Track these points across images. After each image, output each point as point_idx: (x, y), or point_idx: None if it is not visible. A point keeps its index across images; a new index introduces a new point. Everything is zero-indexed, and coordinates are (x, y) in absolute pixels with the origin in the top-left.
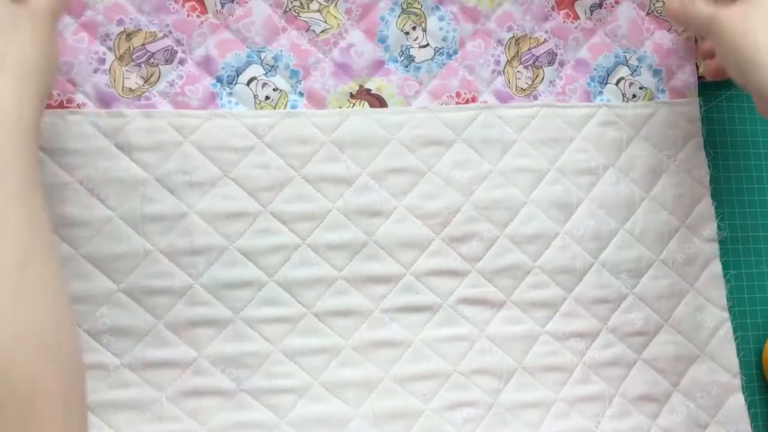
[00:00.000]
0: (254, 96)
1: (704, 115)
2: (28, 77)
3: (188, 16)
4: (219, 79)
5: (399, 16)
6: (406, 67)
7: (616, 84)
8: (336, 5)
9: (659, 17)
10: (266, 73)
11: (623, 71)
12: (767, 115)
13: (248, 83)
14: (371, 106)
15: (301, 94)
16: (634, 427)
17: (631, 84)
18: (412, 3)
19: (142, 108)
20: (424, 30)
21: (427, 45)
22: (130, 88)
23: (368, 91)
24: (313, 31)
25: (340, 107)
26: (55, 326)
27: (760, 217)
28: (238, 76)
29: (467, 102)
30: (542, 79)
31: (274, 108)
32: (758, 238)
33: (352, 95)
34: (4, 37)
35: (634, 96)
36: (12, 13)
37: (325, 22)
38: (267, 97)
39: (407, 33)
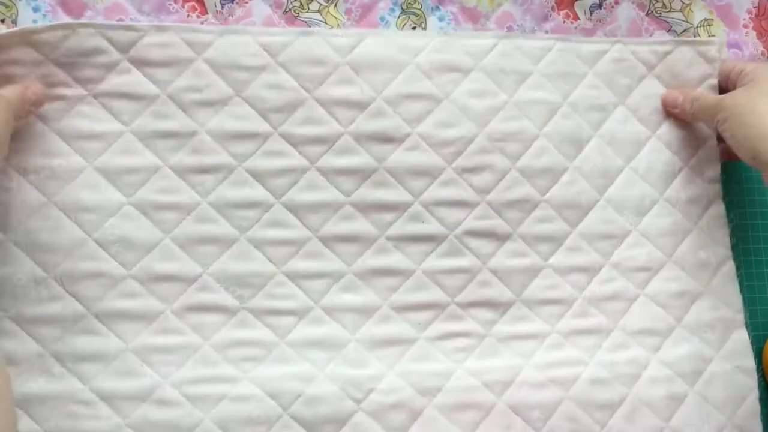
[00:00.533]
0: None
1: None
2: None
3: (188, 16)
4: None
5: (399, 17)
6: None
7: None
8: (336, 5)
9: (659, 18)
10: None
11: None
12: None
13: None
14: None
15: None
16: (631, 359)
17: None
18: (412, 3)
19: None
20: (424, 30)
21: None
22: None
23: None
24: None
25: None
26: None
27: (760, 217)
28: None
29: None
30: None
31: None
32: (758, 238)
33: None
34: None
35: None
36: None
37: (325, 23)
38: None
39: None
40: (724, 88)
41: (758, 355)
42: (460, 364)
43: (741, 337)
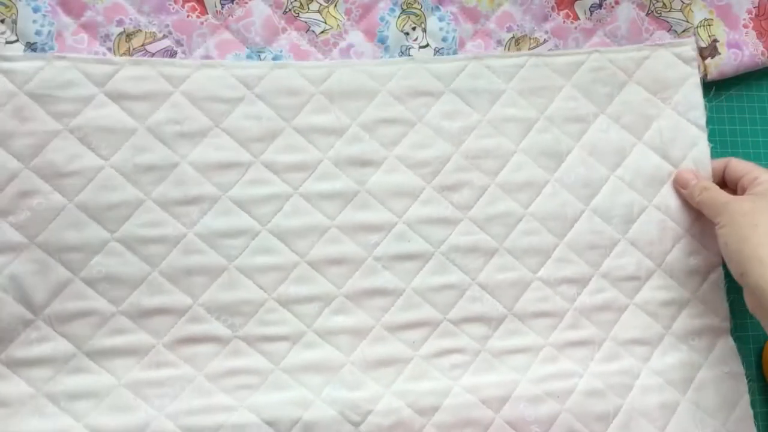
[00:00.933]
0: None
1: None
2: None
3: (188, 16)
4: None
5: (399, 17)
6: None
7: None
8: (336, 5)
9: (659, 18)
10: None
11: None
12: (756, 313)
13: None
14: None
15: None
16: (623, 370)
17: None
18: (412, 3)
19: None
20: (424, 30)
21: (427, 45)
22: None
23: None
24: (313, 31)
25: None
26: None
27: None
28: None
29: None
30: None
31: None
32: None
33: None
34: None
35: None
36: None
37: (325, 23)
38: None
39: (407, 33)
40: (732, 189)
41: (758, 355)
42: (456, 381)
43: (727, 344)
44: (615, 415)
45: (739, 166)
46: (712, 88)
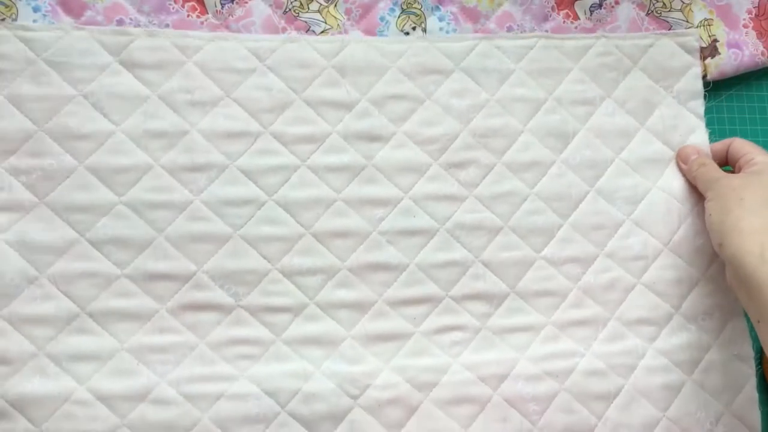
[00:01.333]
0: None
1: (704, 115)
2: None
3: (188, 16)
4: None
5: (399, 17)
6: None
7: None
8: (336, 5)
9: (659, 18)
10: None
11: None
12: (733, 285)
13: None
14: None
15: None
16: (627, 350)
17: None
18: (412, 3)
19: None
20: (424, 30)
21: None
22: None
23: None
24: (313, 31)
25: None
26: None
27: None
28: None
29: None
30: None
31: None
32: None
33: None
34: None
35: None
36: None
37: (325, 23)
38: None
39: (407, 33)
40: (730, 167)
41: (758, 354)
42: (455, 359)
43: (739, 325)
44: (616, 395)
45: (740, 146)
46: (709, 85)
